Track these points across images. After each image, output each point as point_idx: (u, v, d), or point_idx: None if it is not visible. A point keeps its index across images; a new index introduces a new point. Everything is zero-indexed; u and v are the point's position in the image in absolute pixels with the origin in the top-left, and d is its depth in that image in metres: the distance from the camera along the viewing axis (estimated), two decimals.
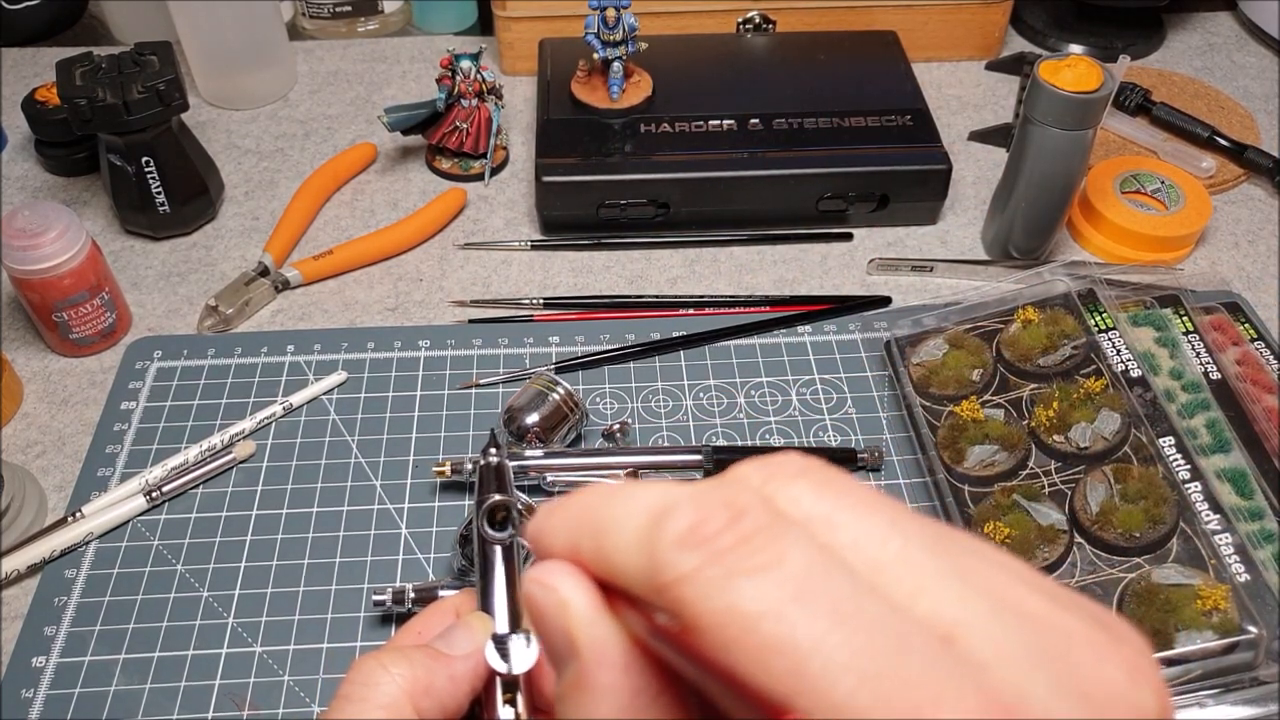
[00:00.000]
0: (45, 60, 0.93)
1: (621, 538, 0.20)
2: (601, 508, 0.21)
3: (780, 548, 0.18)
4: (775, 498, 0.19)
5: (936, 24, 0.90)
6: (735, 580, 0.18)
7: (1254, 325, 0.67)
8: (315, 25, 0.96)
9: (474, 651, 0.32)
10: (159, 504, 0.59)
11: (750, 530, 0.18)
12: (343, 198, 0.80)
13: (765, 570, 0.17)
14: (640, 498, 0.20)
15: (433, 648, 0.32)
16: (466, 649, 0.32)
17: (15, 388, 0.65)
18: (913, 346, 0.65)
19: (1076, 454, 0.58)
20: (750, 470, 0.20)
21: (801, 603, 0.17)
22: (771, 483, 0.20)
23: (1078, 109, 0.64)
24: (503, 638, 0.30)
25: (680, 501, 0.19)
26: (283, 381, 0.66)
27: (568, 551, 0.21)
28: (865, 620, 0.17)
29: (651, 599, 0.19)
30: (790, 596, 0.17)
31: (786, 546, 0.18)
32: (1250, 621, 0.49)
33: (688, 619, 0.18)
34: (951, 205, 0.79)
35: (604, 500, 0.21)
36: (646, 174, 0.74)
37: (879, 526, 0.19)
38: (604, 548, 0.20)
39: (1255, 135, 0.85)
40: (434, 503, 0.60)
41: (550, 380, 0.60)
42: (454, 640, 0.32)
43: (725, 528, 0.18)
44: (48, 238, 0.62)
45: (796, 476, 0.20)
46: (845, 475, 0.20)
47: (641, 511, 0.19)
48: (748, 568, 0.18)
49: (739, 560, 0.18)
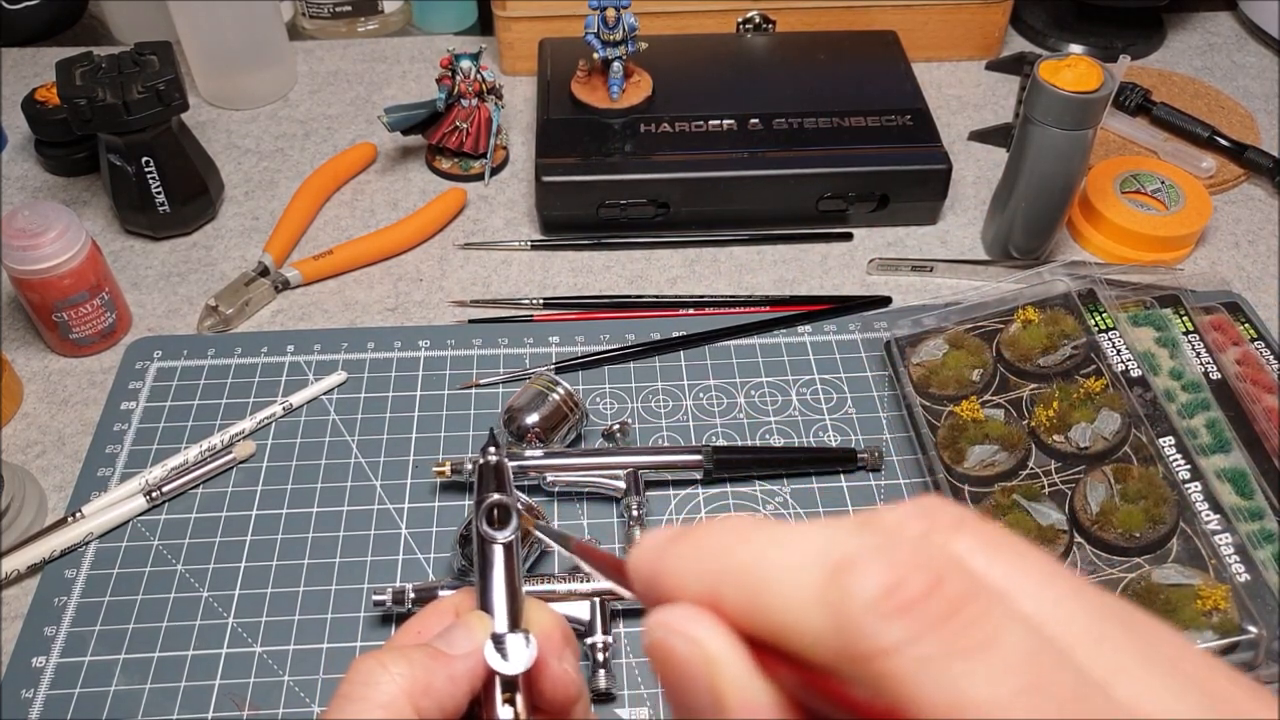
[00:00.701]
0: (45, 60, 0.93)
1: (793, 595, 0.18)
2: (749, 553, 0.19)
3: (993, 624, 0.17)
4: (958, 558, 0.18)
5: (936, 24, 0.90)
6: (955, 663, 0.16)
7: (1254, 325, 0.67)
8: (315, 25, 0.96)
9: (473, 651, 0.31)
10: (159, 504, 0.59)
11: (957, 600, 0.17)
12: (343, 198, 0.80)
13: (984, 652, 0.16)
14: (803, 545, 0.18)
15: (432, 647, 0.32)
16: (466, 648, 0.31)
17: (15, 388, 0.65)
18: (913, 346, 0.65)
19: (1076, 454, 0.58)
20: (904, 517, 0.19)
21: (1030, 696, 0.16)
22: (935, 535, 0.18)
23: (1078, 109, 0.64)
24: (501, 637, 0.30)
25: (860, 556, 0.17)
26: (283, 381, 0.66)
27: (705, 598, 0.19)
28: (1089, 716, 0.16)
29: (842, 668, 0.17)
30: (1019, 689, 0.16)
31: (999, 623, 0.17)
32: (1250, 621, 0.49)
33: (901, 699, 0.16)
34: (951, 205, 0.79)
35: (748, 543, 0.19)
36: (646, 174, 0.74)
37: (1065, 597, 0.18)
38: (766, 604, 0.18)
39: (1255, 135, 0.85)
40: (434, 503, 0.60)
41: (550, 380, 0.60)
42: (453, 640, 0.32)
43: (928, 594, 0.17)
44: (48, 238, 0.62)
45: (957, 529, 0.19)
46: (1001, 529, 0.19)
47: (812, 564, 0.18)
48: (964, 647, 0.16)
49: (954, 637, 0.16)
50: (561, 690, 0.32)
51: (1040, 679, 0.16)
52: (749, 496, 0.60)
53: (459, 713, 0.31)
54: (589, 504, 0.60)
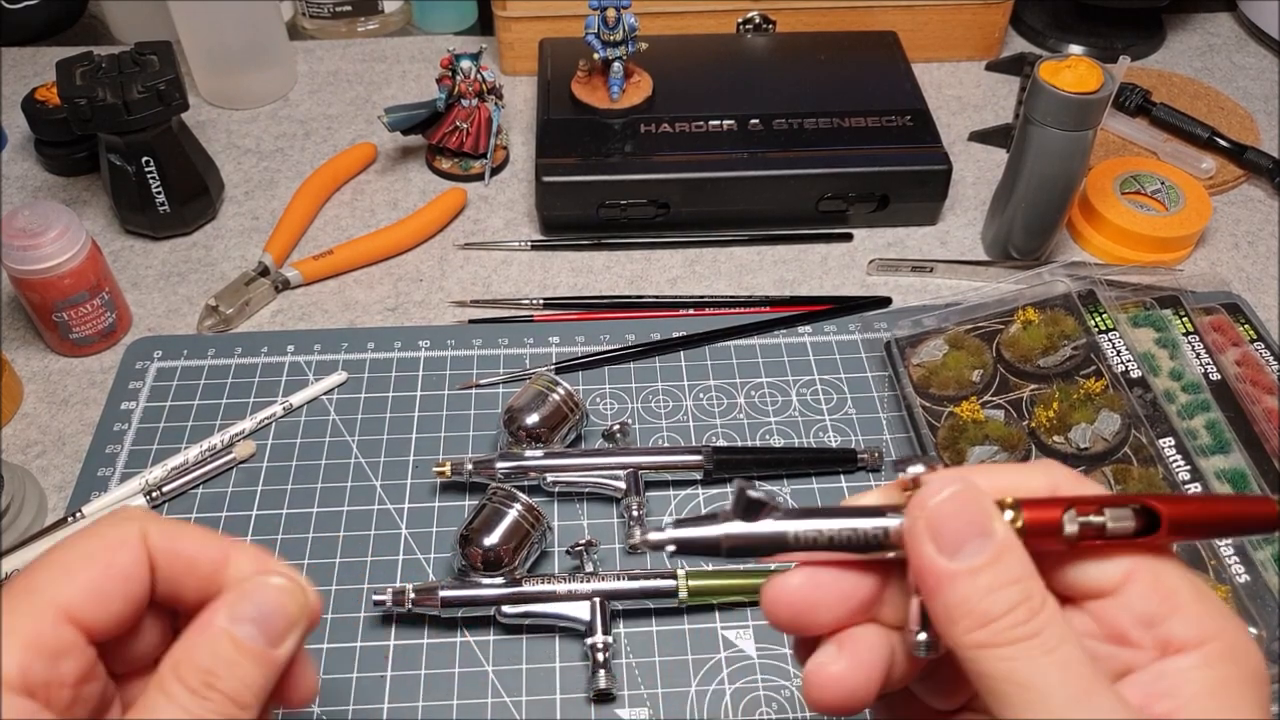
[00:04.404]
0: (45, 60, 0.93)
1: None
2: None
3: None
4: None
5: (936, 24, 0.90)
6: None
7: (1254, 326, 0.67)
8: (315, 25, 0.96)
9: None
10: (159, 504, 0.59)
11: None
12: (343, 198, 0.80)
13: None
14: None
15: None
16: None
17: (15, 388, 0.65)
18: (913, 347, 0.65)
19: (1076, 455, 0.58)
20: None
21: None
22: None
23: (1078, 110, 0.64)
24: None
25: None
26: (283, 381, 0.66)
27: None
28: None
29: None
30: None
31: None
32: (1250, 622, 0.49)
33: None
34: (951, 206, 0.79)
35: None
36: (646, 174, 0.74)
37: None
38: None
39: (1255, 136, 0.85)
40: (434, 503, 0.60)
41: (550, 380, 0.60)
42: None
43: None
44: (48, 238, 0.62)
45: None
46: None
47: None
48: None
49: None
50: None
51: None
52: None
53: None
54: (589, 504, 0.60)
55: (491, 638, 0.54)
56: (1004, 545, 0.28)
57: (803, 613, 0.31)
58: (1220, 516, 0.30)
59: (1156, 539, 0.29)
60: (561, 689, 0.52)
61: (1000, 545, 0.28)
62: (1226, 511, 0.30)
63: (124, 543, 0.31)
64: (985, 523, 0.28)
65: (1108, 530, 0.29)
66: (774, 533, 0.30)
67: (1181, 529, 0.29)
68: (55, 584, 0.30)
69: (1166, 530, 0.28)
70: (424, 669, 0.52)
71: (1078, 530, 0.29)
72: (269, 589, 0.31)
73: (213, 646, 0.29)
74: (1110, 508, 0.29)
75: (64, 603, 0.29)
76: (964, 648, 0.27)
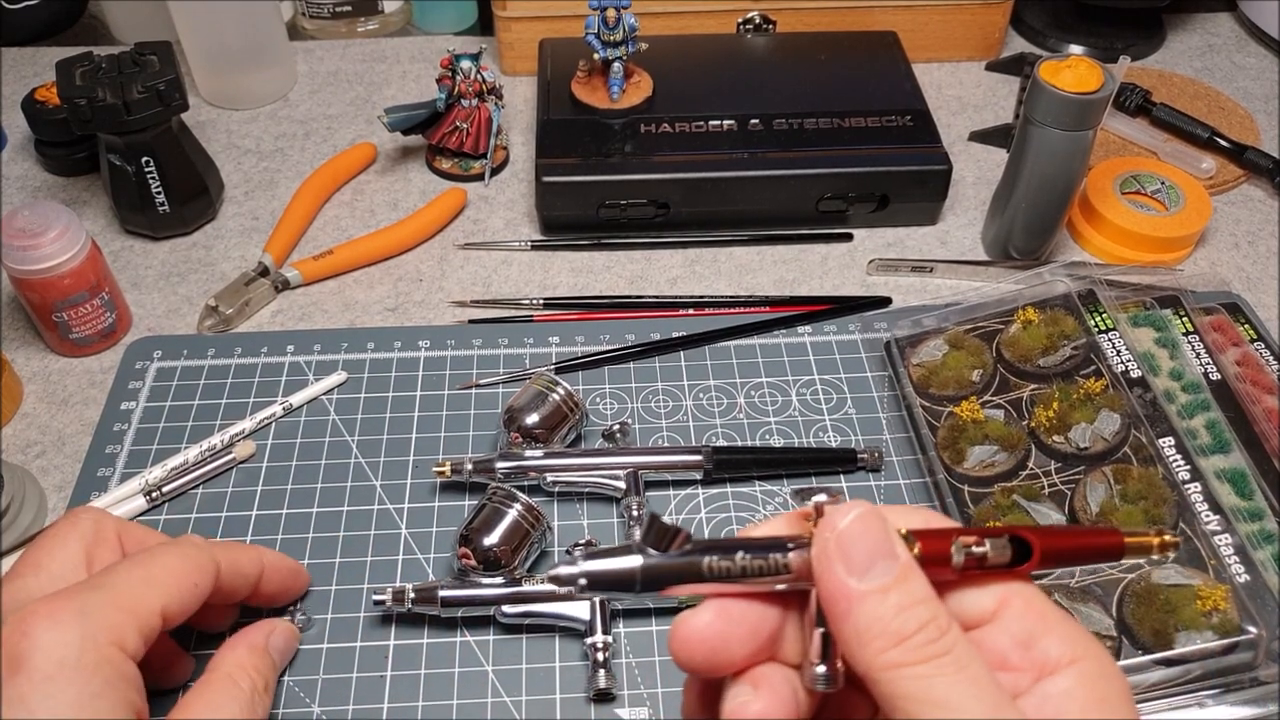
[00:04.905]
0: (45, 60, 0.93)
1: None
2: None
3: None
4: None
5: (936, 24, 0.90)
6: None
7: (1254, 326, 0.67)
8: (315, 25, 0.96)
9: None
10: (159, 504, 0.59)
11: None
12: (343, 198, 0.80)
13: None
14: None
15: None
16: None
17: (15, 388, 0.65)
18: (913, 347, 0.65)
19: (1076, 454, 0.58)
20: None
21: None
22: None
23: (1078, 110, 0.64)
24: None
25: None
26: (283, 381, 0.66)
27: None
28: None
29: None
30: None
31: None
32: (1250, 622, 0.49)
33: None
34: (951, 206, 0.79)
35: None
36: (646, 174, 0.74)
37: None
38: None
39: (1255, 136, 0.85)
40: (434, 503, 0.60)
41: (550, 380, 0.60)
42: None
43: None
44: (48, 238, 0.62)
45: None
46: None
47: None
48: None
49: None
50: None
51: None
52: (749, 497, 0.60)
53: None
54: (589, 504, 0.60)
55: (491, 638, 0.54)
56: (908, 566, 0.29)
57: (717, 650, 0.30)
58: (1079, 547, 0.32)
59: (1029, 566, 0.31)
60: (561, 689, 0.52)
61: (905, 565, 0.29)
62: (1083, 542, 0.32)
63: (205, 569, 0.45)
64: (890, 545, 0.29)
65: (988, 560, 0.30)
66: (688, 562, 0.30)
67: (1049, 558, 0.31)
68: (166, 587, 0.43)
69: (1038, 559, 0.30)
70: (424, 669, 0.52)
71: (963, 560, 0.30)
72: (287, 631, 0.51)
73: (265, 662, 0.47)
74: (990, 538, 0.30)
75: (164, 604, 0.42)
76: (876, 669, 0.28)
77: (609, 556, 0.31)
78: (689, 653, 0.30)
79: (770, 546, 0.30)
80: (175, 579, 0.43)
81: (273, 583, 0.51)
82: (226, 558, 0.47)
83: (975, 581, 0.31)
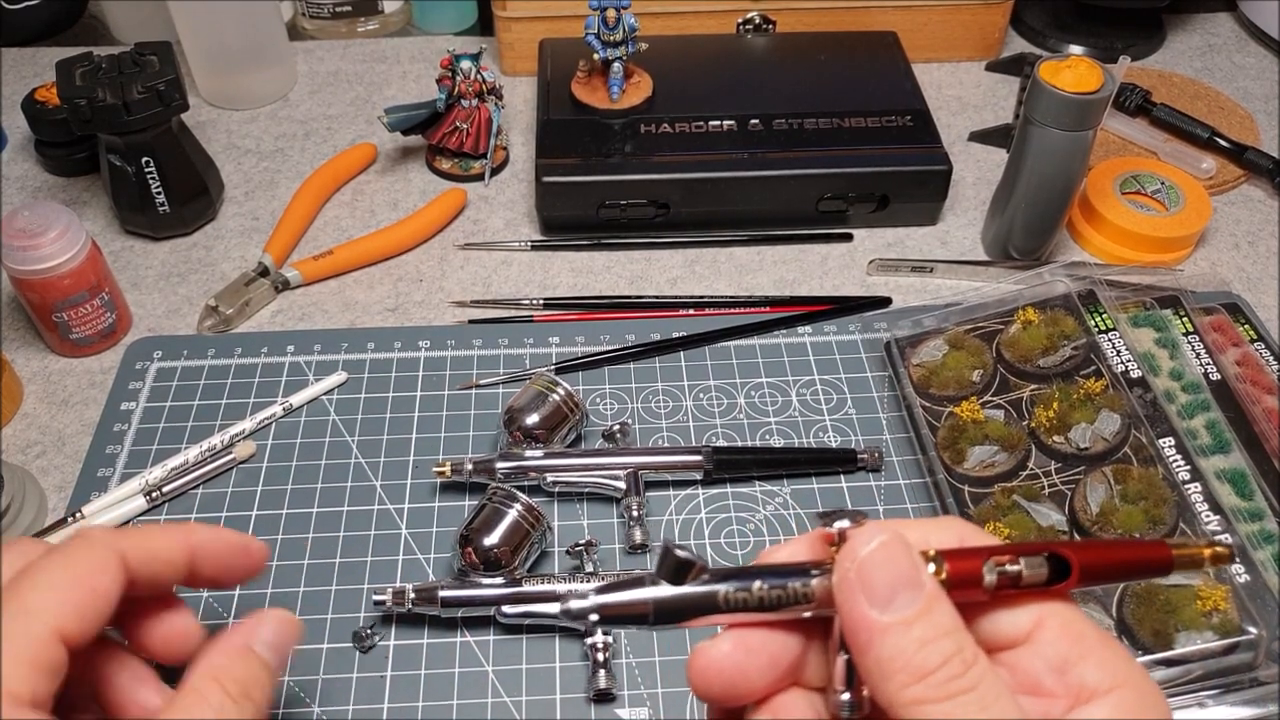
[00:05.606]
0: (45, 60, 0.93)
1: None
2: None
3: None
4: None
5: (936, 24, 0.90)
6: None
7: (1254, 326, 0.67)
8: (315, 25, 0.96)
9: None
10: (159, 504, 0.59)
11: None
12: (343, 198, 0.80)
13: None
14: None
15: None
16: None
17: (15, 388, 0.65)
18: (913, 347, 0.65)
19: (1076, 455, 0.58)
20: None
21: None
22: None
23: (1078, 110, 0.64)
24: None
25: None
26: (283, 382, 0.66)
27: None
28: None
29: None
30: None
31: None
32: (1250, 622, 0.49)
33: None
34: (951, 206, 0.79)
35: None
36: (646, 174, 0.74)
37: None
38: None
39: (1255, 136, 0.85)
40: (434, 503, 0.60)
41: (550, 381, 0.60)
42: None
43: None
44: (48, 238, 0.62)
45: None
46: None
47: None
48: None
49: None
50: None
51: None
52: (749, 497, 0.60)
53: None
54: (589, 504, 0.60)
55: (491, 638, 0.54)
56: (933, 596, 0.28)
57: (735, 681, 0.30)
58: (1122, 562, 0.30)
59: (1067, 585, 0.29)
60: (561, 689, 0.52)
61: (930, 596, 0.27)
62: (1127, 557, 0.30)
63: (105, 568, 0.36)
64: (915, 574, 0.28)
65: (1023, 579, 0.29)
66: (704, 594, 0.29)
67: (1089, 575, 0.29)
68: (50, 607, 0.34)
69: (1077, 577, 0.29)
70: (424, 669, 0.52)
71: (995, 580, 0.29)
72: (279, 620, 0.40)
73: (247, 664, 0.37)
74: (1025, 556, 0.29)
75: (58, 625, 0.34)
76: (899, 705, 0.27)
77: (622, 590, 0.30)
78: (706, 684, 0.30)
79: (790, 573, 0.29)
80: (63, 593, 0.35)
81: (211, 563, 0.41)
82: (136, 545, 0.38)
83: (1009, 602, 0.29)
